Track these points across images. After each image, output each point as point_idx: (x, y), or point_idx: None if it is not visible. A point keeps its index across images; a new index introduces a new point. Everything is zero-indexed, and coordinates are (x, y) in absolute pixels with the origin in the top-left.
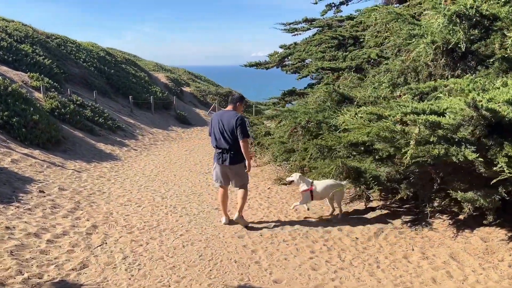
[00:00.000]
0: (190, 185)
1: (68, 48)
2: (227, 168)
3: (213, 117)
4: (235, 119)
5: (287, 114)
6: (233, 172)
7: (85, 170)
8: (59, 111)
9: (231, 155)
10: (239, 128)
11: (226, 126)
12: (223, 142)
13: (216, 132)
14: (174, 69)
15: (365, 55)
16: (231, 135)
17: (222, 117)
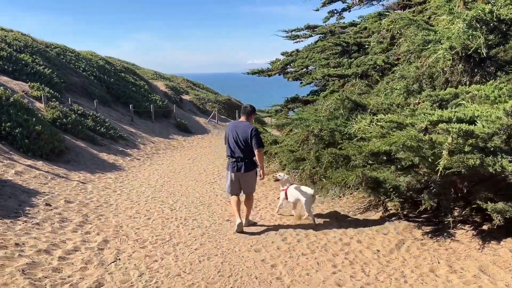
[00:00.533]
0: (198, 195)
1: (68, 57)
2: (241, 175)
3: (228, 128)
4: (250, 129)
5: (298, 122)
6: (246, 179)
7: (89, 181)
8: (60, 121)
9: (245, 163)
10: (255, 138)
11: (241, 136)
12: (238, 151)
13: (231, 141)
14: (172, 77)
15: (371, 61)
16: (245, 144)
17: (237, 128)
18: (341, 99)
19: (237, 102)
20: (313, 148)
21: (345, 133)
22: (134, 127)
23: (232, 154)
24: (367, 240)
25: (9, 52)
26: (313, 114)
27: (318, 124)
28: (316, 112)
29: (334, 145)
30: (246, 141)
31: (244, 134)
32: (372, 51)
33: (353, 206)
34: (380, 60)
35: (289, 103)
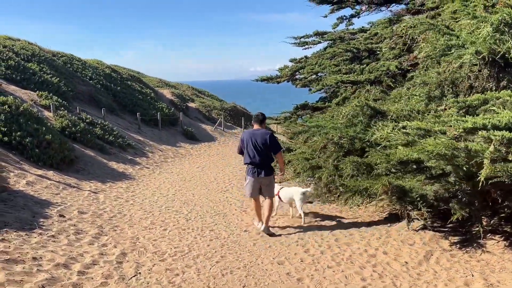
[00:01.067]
0: (212, 204)
1: (74, 65)
2: (262, 179)
3: (244, 136)
4: (268, 136)
5: (316, 130)
6: (266, 183)
7: (101, 191)
8: (69, 129)
9: (265, 168)
10: (273, 142)
11: (260, 143)
12: (258, 157)
13: (250, 149)
14: (178, 84)
15: (383, 67)
16: (265, 150)
17: (255, 135)
18: (360, 106)
19: (242, 109)
20: (331, 156)
21: (366, 141)
22: (141, 135)
23: (252, 160)
24: (393, 251)
25: (17, 61)
26: (330, 121)
27: (337, 132)
28: (332, 119)
29: (354, 153)
30: (266, 147)
31: (263, 140)
32: (384, 57)
33: (373, 216)
34: (393, 66)
35: (298, 110)
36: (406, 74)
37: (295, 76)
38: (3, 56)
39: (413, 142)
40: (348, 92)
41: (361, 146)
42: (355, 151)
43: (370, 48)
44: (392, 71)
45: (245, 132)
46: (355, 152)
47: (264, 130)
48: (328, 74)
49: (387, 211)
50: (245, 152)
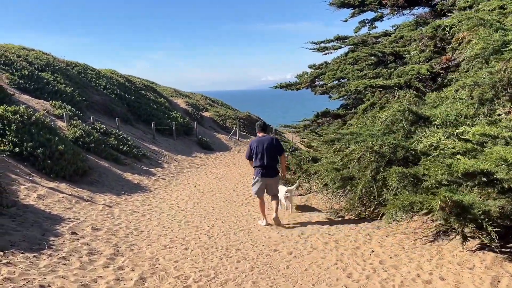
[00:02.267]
0: (234, 219)
1: (88, 75)
2: (270, 179)
3: (253, 143)
4: (274, 140)
5: (351, 138)
6: (273, 182)
7: (116, 204)
8: (83, 140)
9: (271, 170)
10: (279, 145)
11: (268, 148)
12: (266, 161)
13: (259, 154)
14: (191, 94)
15: (413, 71)
16: (272, 154)
17: (263, 142)
18: (402, 111)
19: (256, 118)
20: (369, 166)
21: (411, 149)
22: (156, 145)
23: (261, 163)
24: (452, 276)
25: (31, 71)
26: (365, 128)
27: (376, 140)
28: (367, 126)
29: (396, 163)
30: (273, 151)
31: (271, 145)
32: (412, 60)
33: (417, 233)
34: (424, 69)
35: (319, 118)
36: (436, 78)
37: (314, 83)
38: (17, 66)
39: (474, 151)
40: (375, 97)
41: (403, 155)
42: (397, 160)
43: (396, 51)
44: (424, 74)
45: (253, 140)
46: (397, 162)
47: (270, 136)
48: (352, 79)
49: (432, 227)
50: (254, 157)
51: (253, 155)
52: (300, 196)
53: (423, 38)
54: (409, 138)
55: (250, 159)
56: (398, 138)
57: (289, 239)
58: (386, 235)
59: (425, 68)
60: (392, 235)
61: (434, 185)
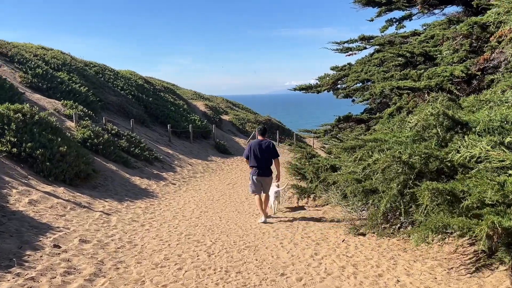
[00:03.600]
0: (241, 232)
1: (106, 76)
2: (263, 179)
3: (252, 145)
4: (270, 144)
5: (374, 145)
6: (266, 182)
7: (115, 212)
8: (91, 141)
9: (267, 170)
10: (274, 151)
11: (264, 151)
12: (261, 162)
13: (256, 155)
14: (212, 97)
15: (445, 72)
16: (267, 156)
17: (260, 145)
18: (436, 115)
19: (277, 123)
20: (396, 178)
21: (447, 160)
22: (171, 148)
23: (257, 164)
24: None
25: (45, 70)
26: (392, 134)
27: (404, 148)
28: (393, 132)
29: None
30: (268, 153)
31: (267, 148)
32: (445, 61)
33: (452, 260)
34: (458, 70)
35: (340, 122)
36: (471, 81)
37: (336, 85)
38: (31, 65)
39: None
40: (403, 101)
41: (437, 167)
42: (429, 173)
43: (426, 51)
44: (458, 76)
45: (252, 142)
46: (429, 175)
47: (267, 140)
48: (377, 81)
49: (471, 253)
50: (251, 158)
51: (250, 156)
52: (317, 208)
53: (457, 36)
54: (443, 147)
55: (247, 158)
56: (431, 147)
57: (300, 260)
58: (414, 260)
59: (460, 69)
60: (421, 261)
61: (476, 204)
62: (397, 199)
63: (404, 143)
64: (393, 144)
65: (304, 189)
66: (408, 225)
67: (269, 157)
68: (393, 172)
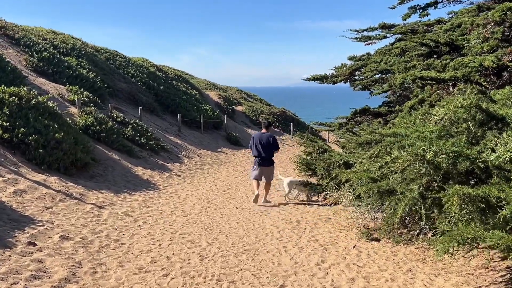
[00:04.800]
0: (242, 232)
1: (117, 62)
2: (264, 168)
3: (254, 137)
4: (271, 138)
5: (393, 140)
6: (267, 171)
7: (109, 205)
8: (94, 128)
9: (267, 160)
10: (274, 143)
11: (265, 143)
12: (263, 153)
13: (258, 146)
14: (226, 87)
15: (474, 63)
16: (268, 148)
17: (262, 137)
18: (468, 107)
19: (292, 115)
20: (418, 179)
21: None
22: (180, 138)
23: (259, 154)
24: None
25: (52, 54)
26: (413, 129)
27: (428, 145)
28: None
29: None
30: (269, 146)
31: (267, 141)
32: (473, 51)
33: (481, 276)
34: (488, 61)
35: (357, 116)
36: (502, 73)
37: (354, 76)
38: (38, 48)
39: None
40: (426, 93)
41: (467, 168)
42: (457, 175)
43: (453, 40)
44: (488, 67)
45: (256, 134)
46: (458, 177)
47: (269, 133)
48: (398, 72)
49: (503, 269)
50: (253, 148)
51: (253, 147)
52: (327, 206)
53: (488, 24)
54: (473, 144)
55: (251, 148)
56: (460, 145)
57: (304, 269)
58: (436, 274)
59: (490, 59)
60: (444, 276)
61: None
62: (417, 202)
63: (428, 139)
64: (415, 140)
65: (314, 186)
66: (428, 232)
67: (269, 149)
68: (414, 172)
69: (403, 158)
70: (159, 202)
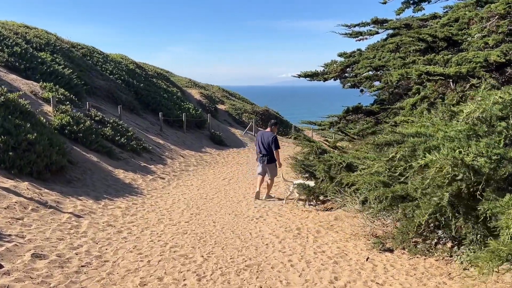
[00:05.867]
0: (239, 244)
1: (95, 59)
2: (266, 165)
3: (258, 134)
4: (271, 137)
5: (419, 141)
6: (269, 167)
7: (88, 213)
8: (70, 128)
9: (267, 158)
10: (274, 143)
11: (265, 141)
12: (264, 151)
13: (259, 144)
14: (207, 85)
15: (478, 58)
16: (268, 147)
17: (264, 135)
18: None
19: (275, 114)
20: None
21: None
22: (162, 138)
23: (260, 151)
24: None
25: (25, 49)
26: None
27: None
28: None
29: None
30: (269, 144)
31: (267, 140)
32: (474, 45)
33: None
34: (494, 55)
35: (349, 114)
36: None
37: (345, 73)
38: (9, 42)
39: None
40: (428, 89)
41: (508, 173)
42: (495, 181)
43: (453, 34)
44: (494, 62)
45: (259, 132)
46: (495, 183)
47: (271, 132)
48: (394, 68)
49: None
50: (256, 145)
51: (256, 144)
52: (326, 211)
53: (492, 17)
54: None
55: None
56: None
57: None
58: None
59: (496, 54)
60: None
61: None
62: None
63: (456, 139)
64: (442, 141)
65: (312, 189)
66: (448, 241)
67: (269, 147)
68: (447, 177)
69: (441, 162)
70: (144, 209)
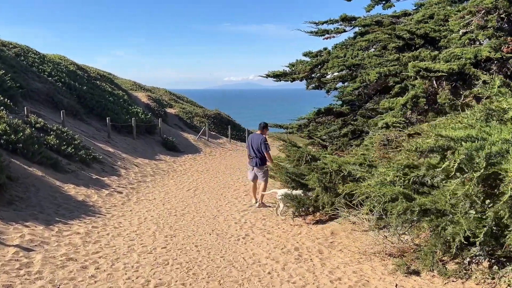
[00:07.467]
0: (237, 274)
1: (30, 59)
2: (256, 168)
3: (249, 137)
4: (261, 139)
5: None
6: (260, 171)
7: (40, 245)
8: (7, 137)
9: (257, 161)
10: (263, 145)
11: (255, 144)
12: (253, 154)
13: (250, 147)
14: (154, 88)
15: (468, 54)
16: (258, 149)
17: (254, 138)
18: None
19: (227, 117)
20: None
21: None
22: (111, 145)
23: (251, 154)
24: None
25: None
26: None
27: None
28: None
29: None
30: (258, 147)
31: (257, 142)
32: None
33: None
34: (485, 51)
35: (320, 116)
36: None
37: (313, 73)
38: None
39: None
40: (419, 88)
41: None
42: None
43: (430, 31)
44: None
45: (250, 135)
46: None
47: (261, 135)
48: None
49: None
50: (247, 148)
51: (247, 147)
52: (318, 223)
53: (478, 11)
54: None
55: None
56: None
57: None
58: None
59: (487, 50)
60: None
61: None
62: (472, 226)
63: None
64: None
65: (302, 200)
66: (483, 260)
67: (258, 149)
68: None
69: None
70: (108, 234)
